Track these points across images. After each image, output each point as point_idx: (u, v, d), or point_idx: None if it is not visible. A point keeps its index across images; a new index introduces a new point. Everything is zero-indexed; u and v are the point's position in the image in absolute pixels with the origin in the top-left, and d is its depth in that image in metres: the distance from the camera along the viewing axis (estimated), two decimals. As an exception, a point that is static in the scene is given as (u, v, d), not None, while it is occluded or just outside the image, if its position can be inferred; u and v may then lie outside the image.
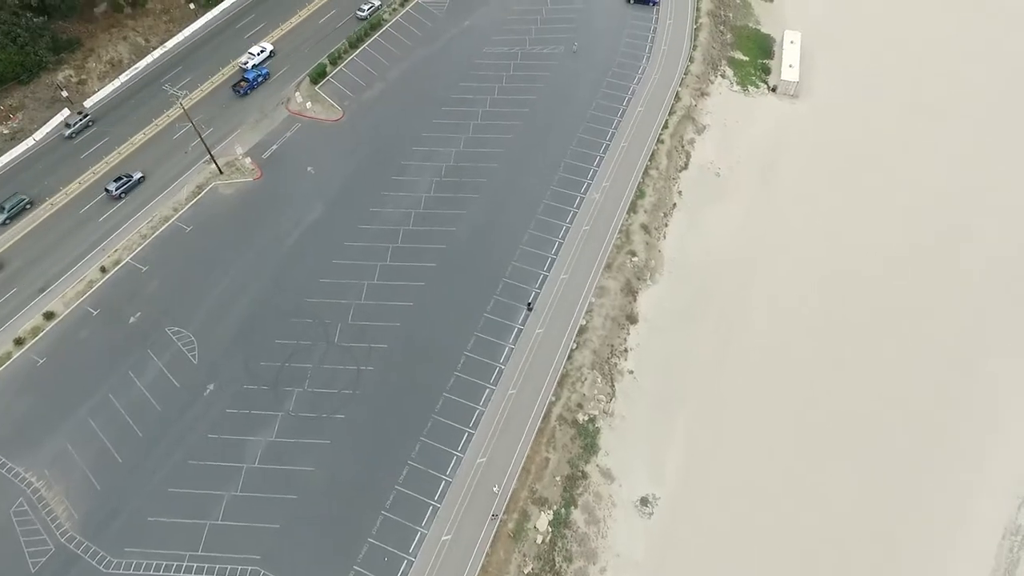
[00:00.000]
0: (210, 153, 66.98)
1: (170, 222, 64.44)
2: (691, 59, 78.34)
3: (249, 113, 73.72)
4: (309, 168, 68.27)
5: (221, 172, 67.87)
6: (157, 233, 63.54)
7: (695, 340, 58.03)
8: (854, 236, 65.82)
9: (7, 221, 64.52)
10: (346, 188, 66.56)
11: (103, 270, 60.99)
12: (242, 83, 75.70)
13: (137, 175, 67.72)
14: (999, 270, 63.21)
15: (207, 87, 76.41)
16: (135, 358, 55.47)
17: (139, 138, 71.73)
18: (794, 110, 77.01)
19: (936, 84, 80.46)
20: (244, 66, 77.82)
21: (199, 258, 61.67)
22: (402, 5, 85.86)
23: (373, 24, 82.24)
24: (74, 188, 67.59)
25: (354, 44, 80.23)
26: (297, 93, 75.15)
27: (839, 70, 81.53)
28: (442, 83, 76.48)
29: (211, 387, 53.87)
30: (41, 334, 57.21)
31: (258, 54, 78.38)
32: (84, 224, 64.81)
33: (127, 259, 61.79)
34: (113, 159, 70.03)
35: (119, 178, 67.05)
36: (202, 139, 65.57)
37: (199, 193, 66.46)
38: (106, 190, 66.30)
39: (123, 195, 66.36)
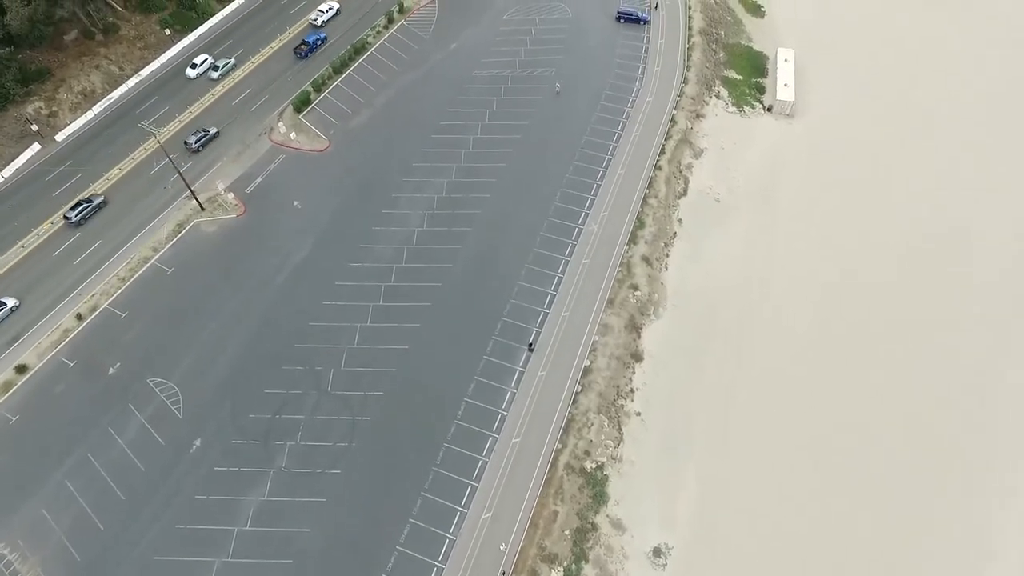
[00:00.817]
0: (190, 189, 64.41)
1: (150, 263, 61.71)
2: (685, 80, 77.26)
3: (230, 144, 71.22)
4: (295, 202, 65.93)
5: (203, 208, 65.26)
6: (136, 276, 60.77)
7: (701, 375, 56.60)
8: (857, 255, 65.08)
9: (-26, 266, 61.61)
10: (335, 223, 64.33)
11: (79, 317, 58.14)
12: (302, 46, 79.77)
13: (98, 199, 65.13)
14: (1008, 280, 62.68)
15: (185, 117, 73.70)
16: (115, 413, 52.69)
17: (115, 173, 68.83)
18: (790, 130, 76.22)
19: (932, 96, 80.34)
20: (314, 22, 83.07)
21: (181, 302, 59.03)
22: (387, 27, 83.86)
23: (357, 48, 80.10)
24: (46, 228, 64.60)
25: (338, 69, 78.05)
26: (280, 122, 72.83)
27: (833, 87, 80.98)
28: (431, 109, 74.58)
29: (197, 443, 51.27)
30: (13, 389, 54.21)
31: (327, 11, 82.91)
32: (58, 267, 61.81)
33: (105, 304, 58.97)
34: (87, 196, 67.11)
35: (77, 204, 64.45)
36: (180, 174, 63.02)
37: (180, 231, 63.80)
38: (65, 217, 63.65)
39: (82, 221, 63.88)
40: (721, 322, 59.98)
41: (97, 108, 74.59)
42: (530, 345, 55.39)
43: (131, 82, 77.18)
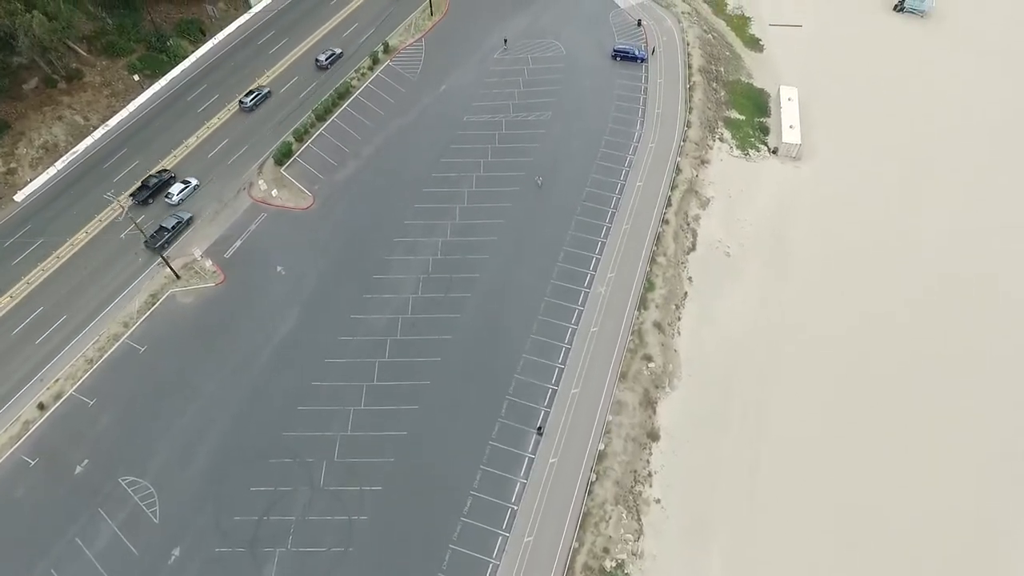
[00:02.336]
0: (162, 257, 60.04)
1: (120, 341, 57.15)
2: (688, 124, 74.55)
3: (207, 202, 66.90)
4: (279, 268, 61.83)
5: (178, 277, 60.88)
6: (106, 356, 56.18)
7: (722, 450, 53.42)
8: (874, 305, 62.51)
9: (-76, 350, 56.57)
10: (322, 291, 60.33)
11: (41, 407, 53.38)
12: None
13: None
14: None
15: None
16: (83, 520, 48.03)
17: (80, 238, 64.18)
18: (798, 174, 73.82)
19: (938, 131, 78.61)
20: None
21: (156, 386, 54.54)
22: (371, 69, 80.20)
23: (341, 92, 76.31)
24: (4, 303, 59.74)
25: (322, 116, 74.15)
26: (260, 177, 68.74)
27: (838, 125, 78.85)
28: (422, 159, 70.97)
29: (176, 552, 46.80)
30: (-33, 494, 49.43)
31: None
32: (17, 348, 57.04)
33: (70, 391, 54.30)
34: (51, 264, 62.35)
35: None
36: (151, 246, 58.59)
37: (153, 304, 59.32)
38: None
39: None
40: (738, 389, 56.95)
41: (60, 163, 69.88)
42: (539, 428, 51.82)
43: (98, 133, 72.57)
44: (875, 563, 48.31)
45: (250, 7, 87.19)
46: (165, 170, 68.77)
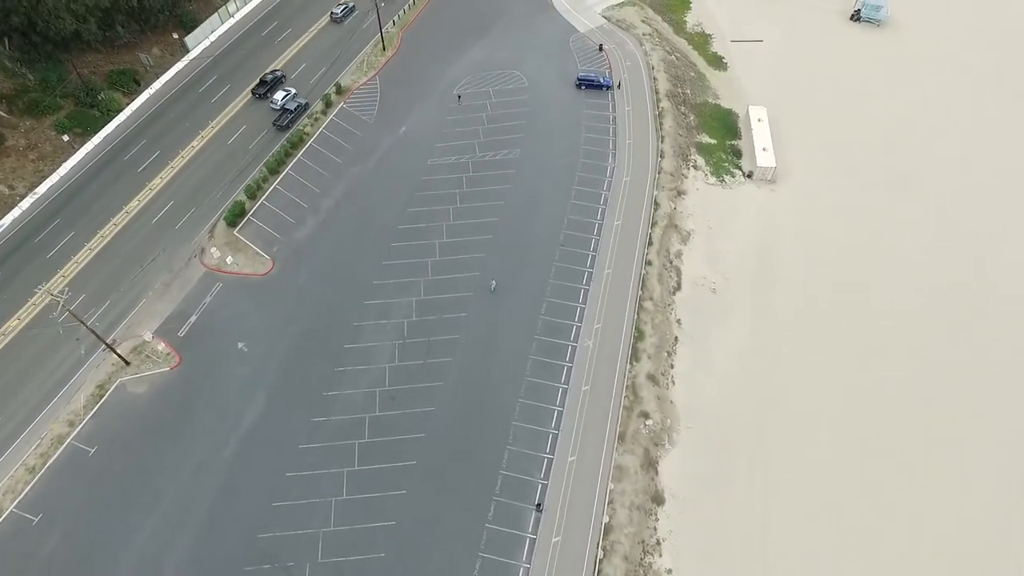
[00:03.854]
0: (106, 344, 55.06)
1: (66, 443, 51.97)
2: (661, 154, 72.85)
3: (155, 274, 61.96)
4: (240, 344, 57.45)
5: (127, 363, 55.97)
6: (50, 463, 50.93)
7: (730, 508, 51.40)
8: (868, 326, 62.16)
9: None
10: (290, 368, 56.21)
11: (-21, 529, 48.04)
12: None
13: None
14: None
15: (96, 244, 63.97)
16: (36, 661, 43.13)
17: (12, 326, 58.55)
18: (775, 198, 72.85)
19: (911, 140, 79.36)
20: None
21: (111, 493, 49.55)
22: (324, 113, 76.18)
23: (294, 142, 72.12)
24: (-72, 409, 53.92)
25: (275, 169, 69.87)
26: (212, 242, 64.15)
27: (810, 144, 78.39)
28: (387, 210, 67.41)
29: None
30: None
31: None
32: (-54, 461, 51.41)
33: (10, 507, 48.88)
34: (-21, 359, 56.75)
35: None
36: (93, 331, 53.63)
37: (101, 396, 54.26)
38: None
39: None
40: (740, 437, 55.15)
41: (-16, 241, 64.09)
42: (538, 505, 48.86)
43: (26, 203, 66.71)
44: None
45: (187, 51, 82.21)
46: (277, 70, 79.99)
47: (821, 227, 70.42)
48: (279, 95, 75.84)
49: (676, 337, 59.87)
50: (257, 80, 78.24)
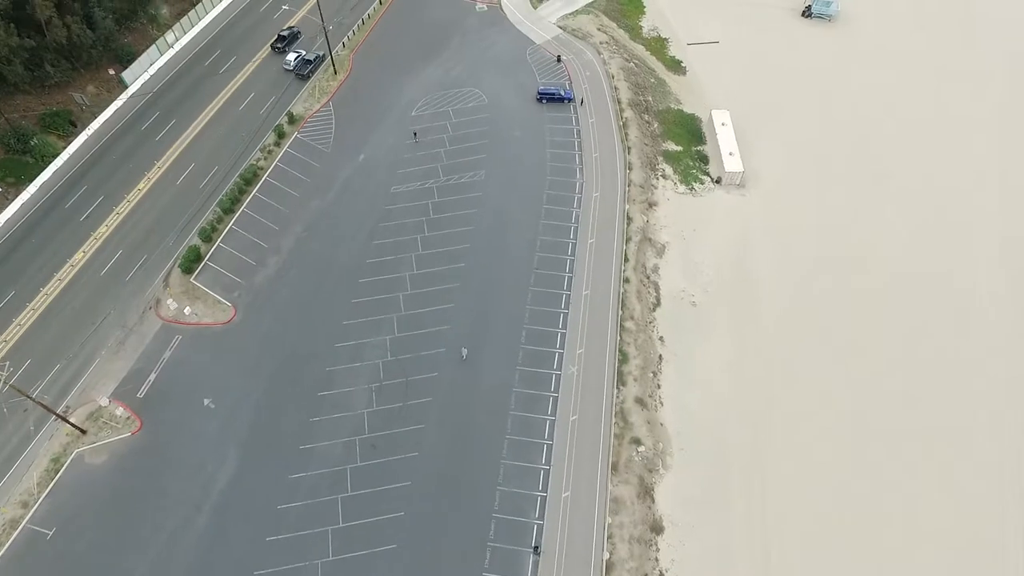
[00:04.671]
0: (57, 415, 51.48)
1: (21, 527, 48.23)
2: (629, 166, 72.11)
3: (107, 331, 58.34)
4: (206, 401, 54.40)
5: (83, 432, 52.45)
6: (3, 551, 47.16)
7: (730, 531, 50.67)
8: (850, 327, 62.44)
9: None
10: (261, 422, 53.44)
11: (-71, 633, 44.24)
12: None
13: None
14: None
15: (39, 303, 59.95)
16: None
17: (-48, 400, 54.49)
18: (746, 203, 72.81)
19: (872, 134, 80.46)
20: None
21: (74, 577, 46.31)
22: (278, 144, 73.29)
23: (247, 178, 69.12)
24: None
25: (229, 208, 66.77)
26: (168, 291, 60.83)
27: (776, 145, 78.75)
28: (351, 245, 64.97)
29: None
30: None
31: None
32: None
33: (-36, 605, 45.33)
34: (-83, 441, 52.47)
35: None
36: (40, 403, 50.09)
37: (57, 471, 50.62)
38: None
39: None
40: (733, 454, 54.59)
41: (-86, 309, 59.48)
42: (535, 548, 47.25)
43: (-44, 264, 62.47)
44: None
45: (126, 87, 78.30)
46: (292, 27, 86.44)
47: (794, 229, 70.65)
48: (291, 56, 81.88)
49: (660, 355, 59.01)
50: (275, 36, 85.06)
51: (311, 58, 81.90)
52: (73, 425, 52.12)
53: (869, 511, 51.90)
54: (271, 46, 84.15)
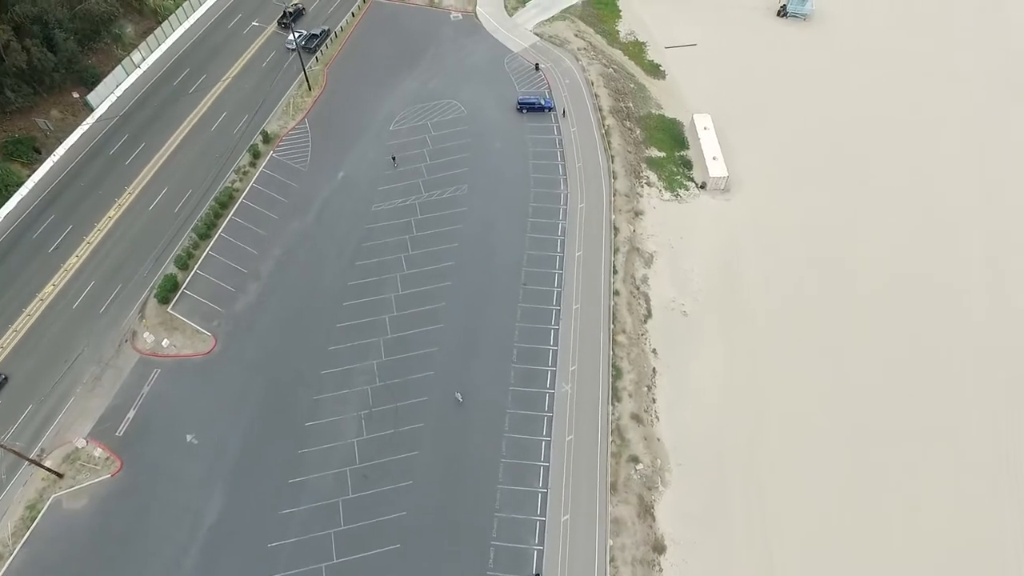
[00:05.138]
0: (29, 460, 49.44)
1: (-3, 581, 46.45)
2: (613, 175, 71.61)
3: (82, 367, 56.34)
4: (189, 437, 52.72)
5: (60, 476, 50.52)
6: (-20, 607, 45.42)
7: (732, 547, 49.96)
8: (843, 331, 62.28)
9: None
10: (248, 456, 51.88)
11: None
12: None
13: None
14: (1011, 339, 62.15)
15: (7, 341, 57.73)
16: None
17: (-81, 449, 52.16)
18: (731, 208, 72.62)
19: (854, 134, 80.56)
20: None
21: (56, 631, 44.48)
22: (253, 165, 71.67)
23: (223, 201, 67.38)
24: None
25: (205, 234, 65.03)
26: (144, 323, 58.95)
27: (759, 147, 78.70)
28: (333, 267, 63.59)
29: None
30: None
31: None
32: None
33: (-61, 667, 43.29)
34: None
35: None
36: (11, 449, 48.08)
37: (33, 519, 48.62)
38: None
39: None
40: (732, 467, 54.09)
41: None
42: (536, 575, 46.43)
43: (-81, 302, 59.99)
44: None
45: (92, 110, 76.05)
46: (297, 3, 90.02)
47: (781, 232, 70.56)
48: (294, 35, 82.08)
49: (654, 369, 58.47)
50: (282, 12, 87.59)
51: (317, 32, 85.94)
52: (48, 469, 50.13)
53: (869, 515, 51.72)
54: (277, 22, 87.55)
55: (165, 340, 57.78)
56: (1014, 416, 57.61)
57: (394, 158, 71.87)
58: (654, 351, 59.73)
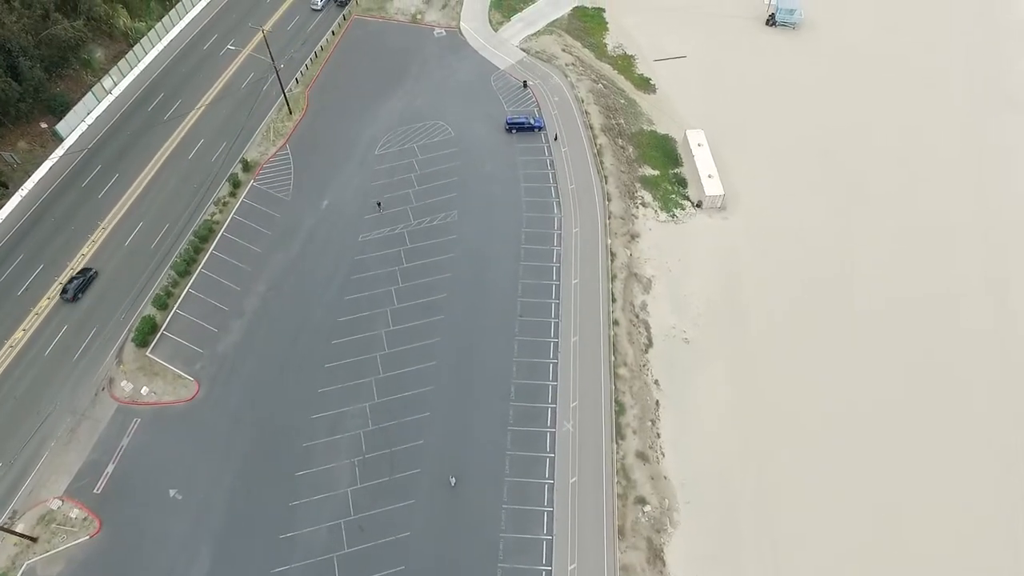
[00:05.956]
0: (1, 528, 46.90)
1: (-32, 658, 43.80)
2: (607, 196, 70.13)
3: (58, 419, 53.72)
4: (172, 492, 50.34)
5: (34, 540, 47.90)
6: None
7: (744, 586, 48.74)
8: (848, 353, 61.08)
9: None
10: (235, 512, 49.56)
11: None
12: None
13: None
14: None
15: (-22, 392, 55.21)
16: None
17: None
18: (729, 227, 71.34)
19: (849, 145, 79.82)
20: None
21: None
22: (233, 195, 69.30)
23: (202, 235, 64.98)
24: None
25: (184, 270, 62.63)
26: (122, 370, 56.42)
27: (753, 162, 77.61)
28: (320, 302, 61.45)
29: None
30: None
31: None
32: None
33: None
34: None
35: None
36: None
37: (7, 589, 46.25)
38: None
39: None
40: (740, 500, 52.58)
41: None
42: (544, 631, 44.70)
43: None
44: None
45: (61, 139, 73.29)
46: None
47: (779, 250, 69.37)
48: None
49: (657, 401, 56.90)
50: None
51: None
52: (21, 535, 47.49)
53: (883, 544, 50.49)
54: None
55: (144, 387, 55.28)
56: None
57: (379, 204, 68.13)
58: (656, 382, 58.19)
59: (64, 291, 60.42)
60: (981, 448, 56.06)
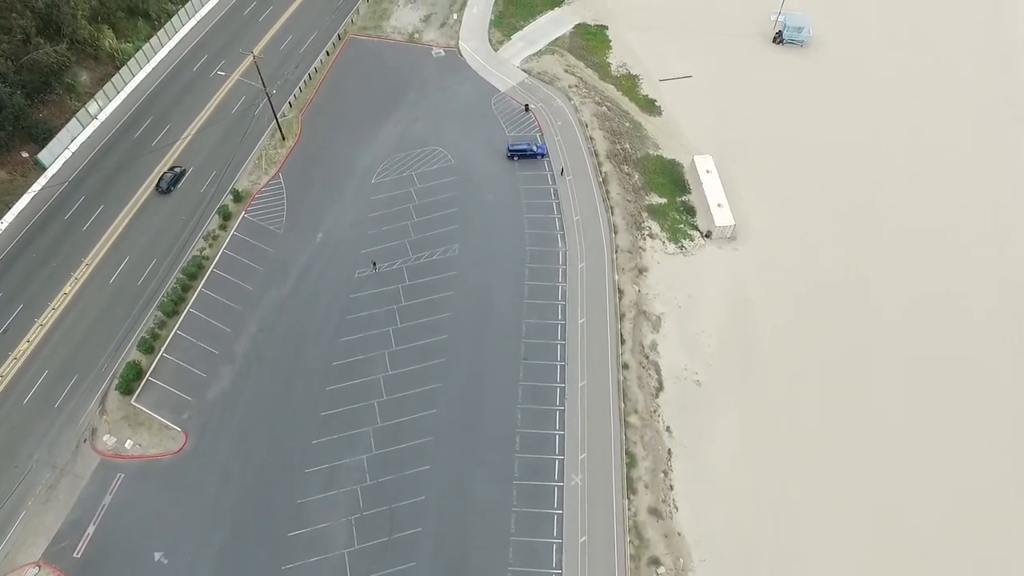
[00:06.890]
0: (-17, 592, 44.44)
1: None
2: (614, 228, 67.95)
3: (36, 474, 51.12)
4: (157, 555, 47.83)
5: (10, 611, 45.48)
6: None
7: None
8: (869, 392, 59.09)
9: None
10: (224, 575, 47.25)
11: None
12: None
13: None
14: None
15: (-48, 445, 52.60)
16: None
17: None
18: (739, 259, 69.23)
19: (862, 167, 78.27)
20: None
21: None
22: (223, 228, 66.87)
23: (191, 272, 62.53)
24: None
25: (172, 311, 60.18)
26: (105, 420, 53.89)
27: (763, 189, 75.57)
28: (315, 345, 59.07)
29: None
30: None
31: None
32: None
33: None
34: None
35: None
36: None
37: (-21, 665, 43.66)
38: None
39: None
40: (757, 555, 50.41)
41: None
42: None
43: None
44: None
45: (44, 169, 70.76)
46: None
47: (792, 284, 67.27)
48: None
49: (669, 450, 54.63)
50: None
51: None
52: (-3, 604, 45.11)
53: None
54: None
55: (129, 440, 52.78)
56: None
57: (375, 264, 64.24)
58: (668, 429, 55.94)
59: (45, 334, 58.04)
60: (1004, 482, 54.11)
